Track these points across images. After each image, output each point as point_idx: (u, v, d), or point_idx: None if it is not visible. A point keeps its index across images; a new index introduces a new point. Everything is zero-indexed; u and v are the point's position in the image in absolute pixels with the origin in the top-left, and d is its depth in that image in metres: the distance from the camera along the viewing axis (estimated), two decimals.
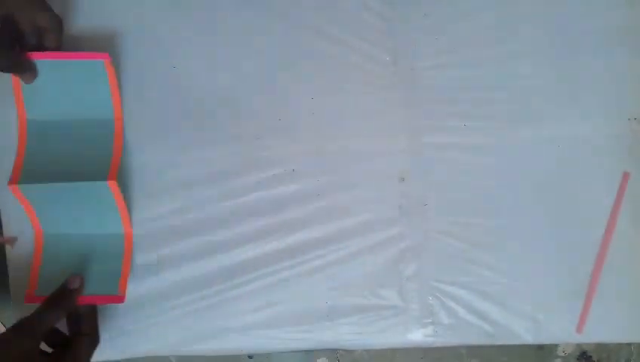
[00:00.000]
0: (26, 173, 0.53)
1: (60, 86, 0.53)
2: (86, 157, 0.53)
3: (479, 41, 0.55)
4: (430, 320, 0.55)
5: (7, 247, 0.57)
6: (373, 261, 0.55)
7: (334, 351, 0.60)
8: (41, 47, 0.51)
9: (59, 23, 0.51)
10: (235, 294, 0.55)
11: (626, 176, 0.54)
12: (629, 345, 0.59)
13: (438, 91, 0.55)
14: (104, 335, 0.55)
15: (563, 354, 0.59)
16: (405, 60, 0.56)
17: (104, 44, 0.56)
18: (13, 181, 0.52)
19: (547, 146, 0.54)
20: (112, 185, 0.51)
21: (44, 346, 0.47)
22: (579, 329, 0.54)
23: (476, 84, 0.55)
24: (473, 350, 0.59)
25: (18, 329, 0.44)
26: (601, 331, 0.54)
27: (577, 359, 0.59)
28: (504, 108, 0.55)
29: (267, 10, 0.56)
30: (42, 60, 0.51)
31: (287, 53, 0.56)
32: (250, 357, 0.62)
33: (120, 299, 0.52)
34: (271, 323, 0.56)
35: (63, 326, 0.51)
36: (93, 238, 0.55)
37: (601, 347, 0.59)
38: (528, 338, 0.54)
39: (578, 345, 0.59)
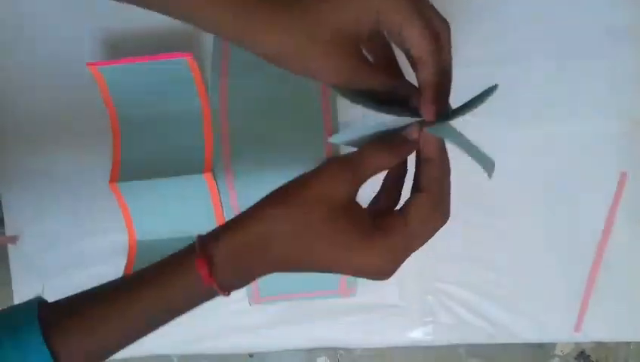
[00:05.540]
0: (123, 172, 0.52)
1: (147, 85, 0.53)
2: (179, 152, 0.53)
3: (479, 41, 0.55)
4: (430, 319, 0.55)
5: (9, 246, 0.57)
6: None
7: (335, 350, 0.60)
8: None
9: None
10: (235, 294, 0.55)
11: (624, 175, 0.54)
12: (627, 343, 0.59)
13: None
14: None
15: (561, 354, 0.60)
16: (405, 60, 0.55)
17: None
18: (112, 179, 0.52)
19: (547, 146, 0.54)
20: (207, 177, 0.51)
21: None
22: (577, 328, 0.54)
23: (476, 84, 0.55)
24: (473, 349, 0.59)
25: (328, 170, 0.32)
26: (599, 330, 0.54)
27: (576, 358, 0.60)
28: (504, 107, 0.54)
29: None
30: (128, 64, 0.51)
31: None
32: (250, 355, 0.62)
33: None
34: (271, 322, 0.56)
35: None
36: (186, 241, 0.55)
37: (599, 346, 0.59)
38: (527, 337, 0.54)
39: (576, 344, 0.59)
